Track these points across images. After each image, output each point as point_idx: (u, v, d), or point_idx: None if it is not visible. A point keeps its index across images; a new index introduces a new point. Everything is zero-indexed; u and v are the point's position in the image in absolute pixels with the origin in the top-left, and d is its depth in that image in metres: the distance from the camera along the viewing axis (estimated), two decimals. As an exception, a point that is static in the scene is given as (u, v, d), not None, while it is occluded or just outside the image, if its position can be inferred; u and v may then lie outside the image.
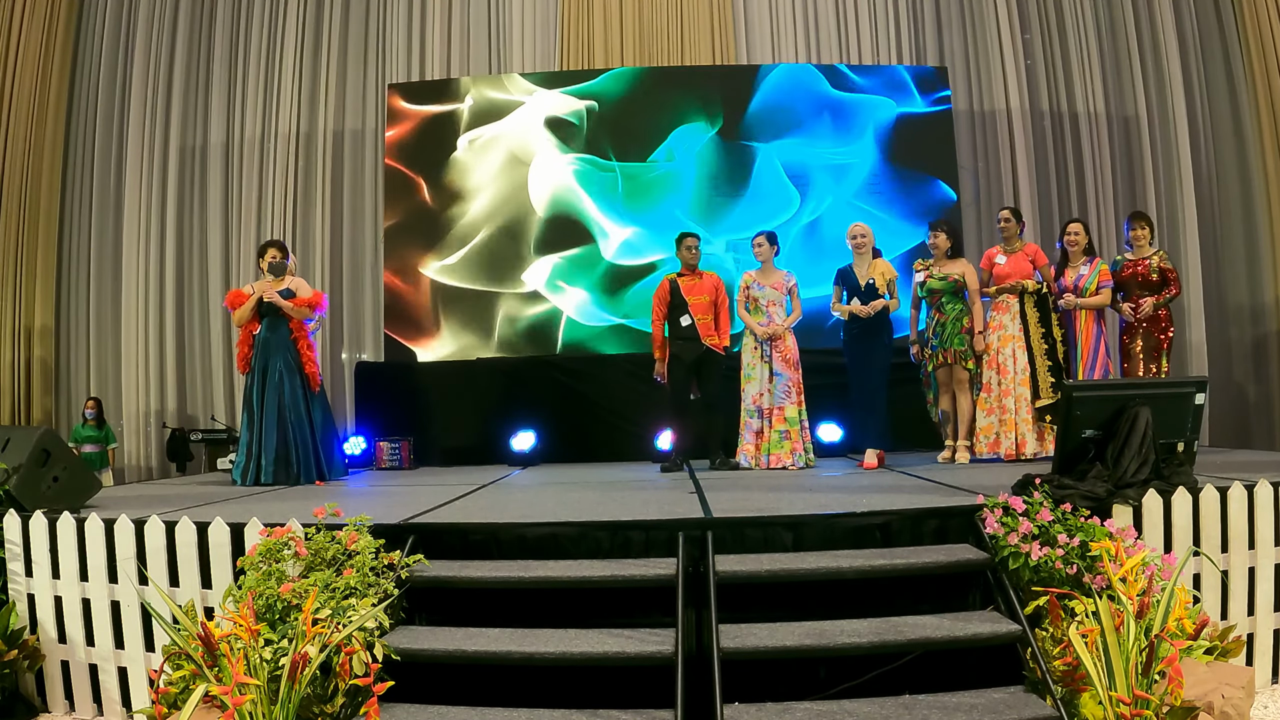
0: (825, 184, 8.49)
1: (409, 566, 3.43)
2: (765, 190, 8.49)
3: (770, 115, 8.56)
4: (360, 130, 9.37)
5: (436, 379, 8.08)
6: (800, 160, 8.51)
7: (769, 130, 8.54)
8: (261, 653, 2.89)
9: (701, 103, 8.57)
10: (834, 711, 2.88)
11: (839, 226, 7.27)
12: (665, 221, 8.31)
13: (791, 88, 8.60)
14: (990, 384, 6.00)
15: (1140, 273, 6.23)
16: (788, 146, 8.52)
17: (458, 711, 3.01)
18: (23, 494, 4.12)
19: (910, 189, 8.49)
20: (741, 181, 8.51)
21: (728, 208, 8.49)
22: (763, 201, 8.46)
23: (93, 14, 9.58)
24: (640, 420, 7.35)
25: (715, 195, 8.51)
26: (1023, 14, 9.24)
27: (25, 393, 9.01)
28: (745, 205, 8.47)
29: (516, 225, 8.51)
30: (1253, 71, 8.69)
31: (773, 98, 8.58)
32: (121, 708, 3.78)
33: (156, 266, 9.33)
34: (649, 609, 3.34)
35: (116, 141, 9.47)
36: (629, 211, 8.48)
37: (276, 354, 5.98)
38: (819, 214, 8.44)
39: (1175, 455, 3.84)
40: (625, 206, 8.49)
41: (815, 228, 8.42)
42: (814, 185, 8.49)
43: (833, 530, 3.65)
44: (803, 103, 8.57)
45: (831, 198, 8.47)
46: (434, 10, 9.35)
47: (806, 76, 8.67)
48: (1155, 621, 2.81)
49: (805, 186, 8.50)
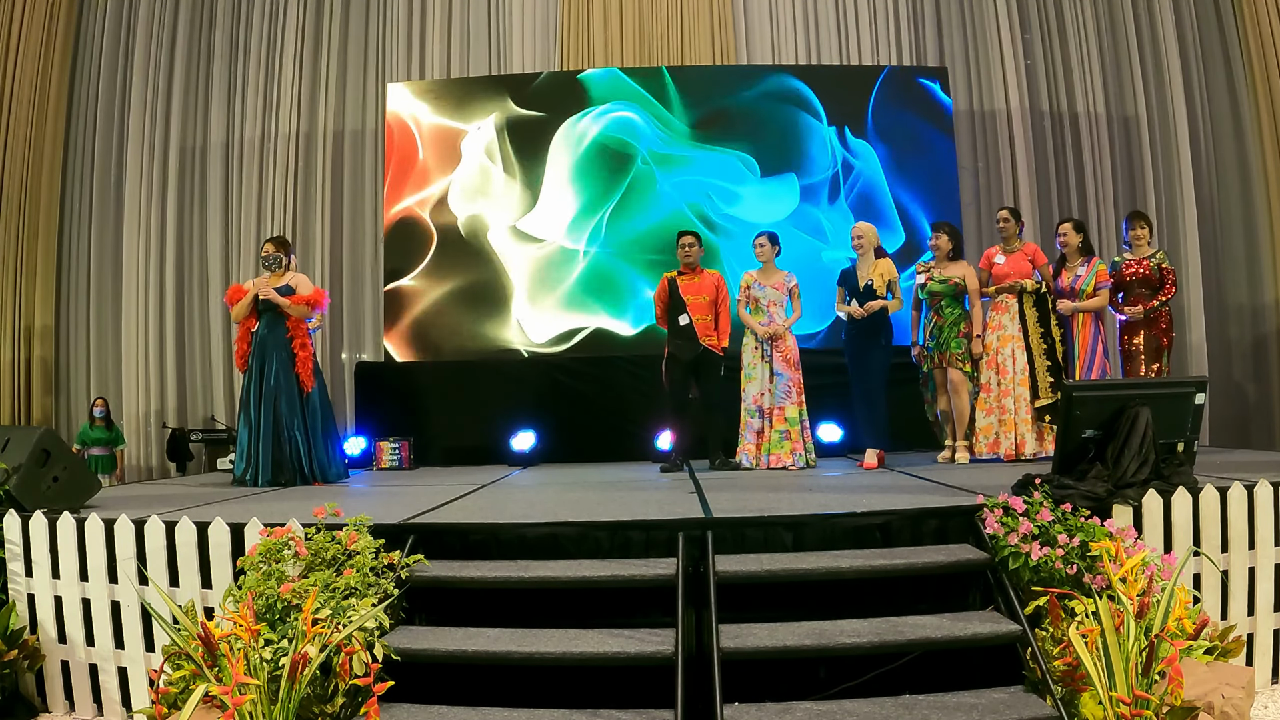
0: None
1: (409, 566, 3.42)
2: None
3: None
4: (360, 130, 9.37)
5: (436, 379, 8.07)
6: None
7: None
8: (261, 653, 2.89)
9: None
10: (834, 711, 2.88)
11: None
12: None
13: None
14: (989, 384, 6.00)
15: (1139, 273, 6.23)
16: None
17: (458, 711, 3.01)
18: (23, 494, 4.12)
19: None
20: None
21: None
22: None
23: (93, 14, 9.58)
24: (640, 420, 7.35)
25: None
26: (1023, 14, 9.24)
27: (25, 392, 9.01)
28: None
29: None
30: (1253, 71, 8.69)
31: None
32: (121, 708, 3.78)
33: (156, 266, 9.33)
34: (649, 609, 3.34)
35: (116, 141, 9.48)
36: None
37: (274, 352, 5.92)
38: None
39: (1175, 455, 3.84)
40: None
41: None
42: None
43: (833, 530, 3.65)
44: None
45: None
46: (434, 10, 9.35)
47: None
48: (1155, 621, 2.81)
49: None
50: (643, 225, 8.42)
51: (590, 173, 8.51)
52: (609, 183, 8.51)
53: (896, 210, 8.46)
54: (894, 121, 8.53)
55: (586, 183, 8.51)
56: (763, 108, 8.54)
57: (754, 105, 8.54)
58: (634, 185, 8.49)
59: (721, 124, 8.55)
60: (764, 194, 8.45)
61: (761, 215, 8.32)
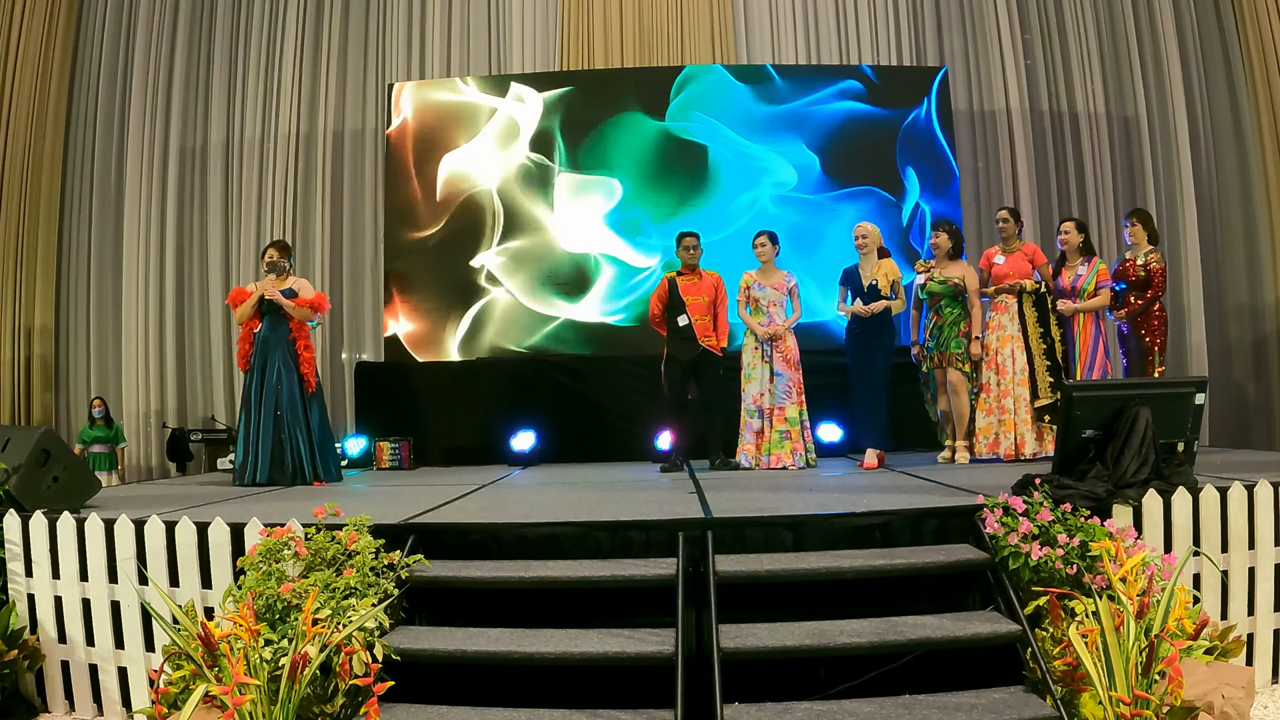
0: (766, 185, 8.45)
1: (409, 566, 3.42)
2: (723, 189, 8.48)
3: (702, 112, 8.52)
4: (360, 130, 9.37)
5: (436, 379, 8.08)
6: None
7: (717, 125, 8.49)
8: (261, 653, 2.89)
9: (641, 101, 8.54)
10: (834, 711, 2.88)
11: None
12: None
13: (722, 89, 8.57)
14: (989, 384, 6.00)
15: (1126, 271, 6.25)
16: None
17: (458, 711, 3.01)
18: (23, 494, 4.12)
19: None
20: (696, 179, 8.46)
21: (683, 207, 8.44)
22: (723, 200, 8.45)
23: (93, 14, 9.58)
24: (640, 420, 7.35)
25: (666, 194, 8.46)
26: (1023, 14, 9.23)
27: (25, 392, 9.01)
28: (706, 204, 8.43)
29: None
30: (1253, 71, 8.69)
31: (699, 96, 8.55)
32: (121, 708, 3.78)
33: (156, 266, 9.33)
34: (649, 609, 3.34)
35: (116, 141, 9.47)
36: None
37: (275, 352, 6.00)
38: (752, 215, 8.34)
39: (1175, 455, 3.84)
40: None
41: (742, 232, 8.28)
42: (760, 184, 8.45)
43: (833, 530, 3.65)
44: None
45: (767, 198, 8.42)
46: (434, 10, 9.35)
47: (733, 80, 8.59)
48: (1155, 621, 2.81)
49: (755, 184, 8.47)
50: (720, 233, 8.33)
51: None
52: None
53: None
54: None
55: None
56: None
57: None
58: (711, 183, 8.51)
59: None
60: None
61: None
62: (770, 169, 8.49)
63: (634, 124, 8.52)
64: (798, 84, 8.59)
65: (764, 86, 8.57)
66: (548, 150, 8.54)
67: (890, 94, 8.54)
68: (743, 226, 8.12)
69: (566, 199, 8.52)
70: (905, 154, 8.50)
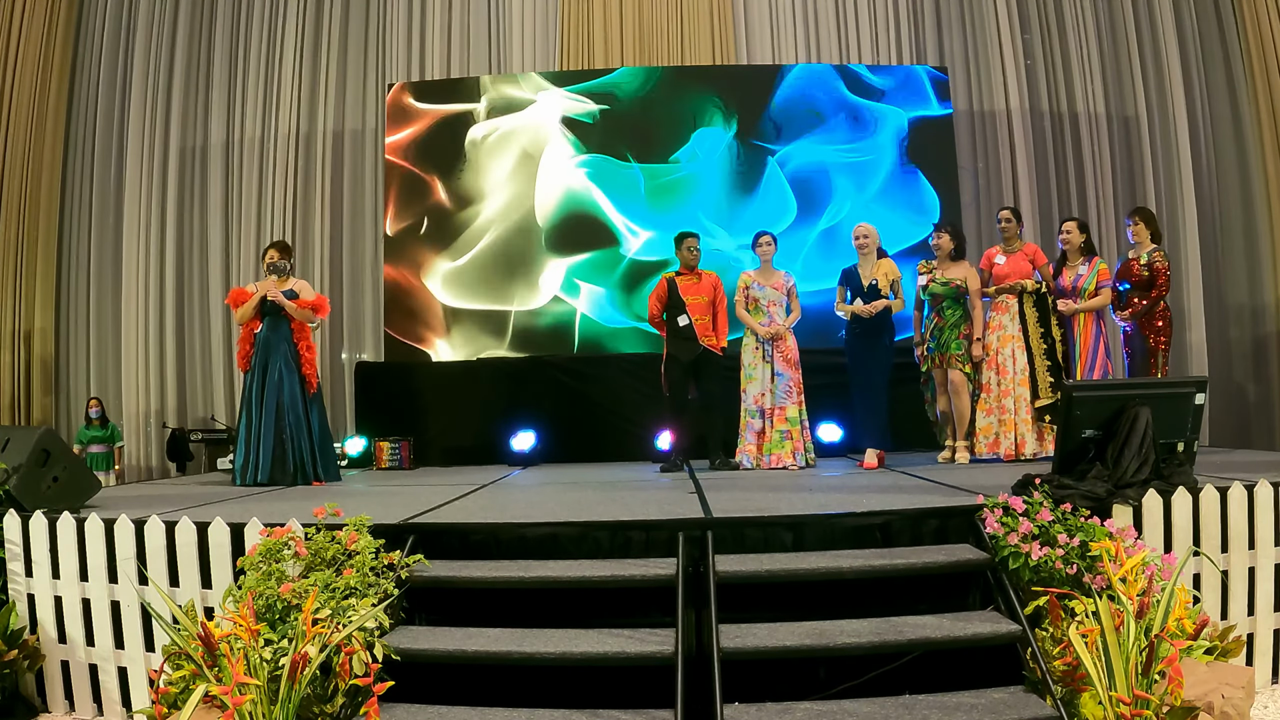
0: (844, 187, 8.47)
1: (409, 566, 3.43)
2: (777, 193, 8.46)
3: (789, 117, 8.54)
4: (360, 130, 9.36)
5: (436, 379, 8.08)
6: (820, 161, 8.50)
7: (788, 132, 8.52)
8: (261, 653, 2.89)
9: (719, 103, 8.55)
10: (834, 711, 2.88)
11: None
12: (686, 222, 8.22)
13: (809, 88, 8.59)
14: (990, 384, 6.00)
15: (1129, 270, 6.25)
16: (806, 148, 8.51)
17: (458, 711, 3.01)
18: (23, 494, 4.12)
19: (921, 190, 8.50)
20: (755, 183, 8.48)
21: (745, 209, 8.45)
22: (779, 203, 8.45)
23: (93, 14, 9.57)
24: (640, 420, 7.35)
25: (733, 196, 8.48)
26: (1023, 14, 9.23)
27: (25, 393, 9.01)
28: (759, 206, 8.43)
29: (528, 226, 8.48)
30: (1253, 71, 8.68)
31: (791, 98, 8.57)
32: (121, 708, 3.78)
33: (156, 266, 9.32)
34: (649, 609, 3.34)
35: (116, 141, 9.47)
36: (650, 212, 8.45)
37: (276, 353, 6.02)
38: (839, 217, 8.39)
39: (1175, 455, 3.84)
40: (646, 207, 8.46)
41: (835, 231, 8.36)
42: (835, 188, 8.47)
43: (833, 530, 3.65)
44: (822, 105, 8.57)
45: (850, 201, 8.43)
46: (434, 10, 9.35)
47: (825, 77, 8.66)
48: (1155, 621, 2.81)
49: (826, 189, 8.48)
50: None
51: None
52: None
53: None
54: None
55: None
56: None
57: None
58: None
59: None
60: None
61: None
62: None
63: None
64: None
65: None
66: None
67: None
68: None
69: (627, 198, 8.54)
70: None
